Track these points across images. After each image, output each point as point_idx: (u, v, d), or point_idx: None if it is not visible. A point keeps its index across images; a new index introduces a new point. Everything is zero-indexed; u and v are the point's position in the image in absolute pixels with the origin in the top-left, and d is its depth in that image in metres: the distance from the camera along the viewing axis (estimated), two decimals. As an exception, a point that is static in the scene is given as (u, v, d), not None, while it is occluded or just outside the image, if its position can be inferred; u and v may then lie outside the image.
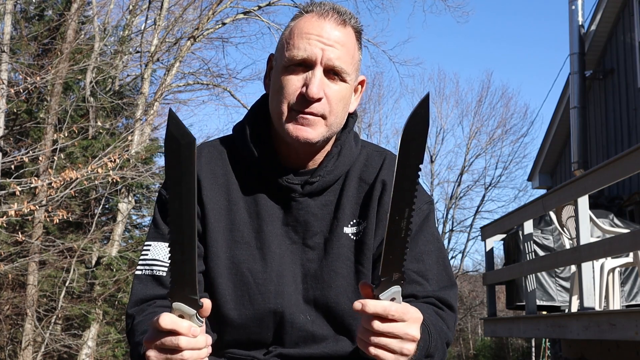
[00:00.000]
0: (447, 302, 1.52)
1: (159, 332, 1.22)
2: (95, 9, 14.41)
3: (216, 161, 1.60)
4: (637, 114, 9.24)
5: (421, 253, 1.54)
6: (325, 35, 1.50)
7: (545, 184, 11.95)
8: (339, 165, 1.57)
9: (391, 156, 1.65)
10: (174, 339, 1.21)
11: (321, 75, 1.49)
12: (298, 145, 1.52)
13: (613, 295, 5.41)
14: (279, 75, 1.52)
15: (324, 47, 1.49)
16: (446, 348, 1.46)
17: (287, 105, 1.50)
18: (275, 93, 1.53)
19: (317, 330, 1.54)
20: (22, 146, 12.01)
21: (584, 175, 5.02)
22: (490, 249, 7.56)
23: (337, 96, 1.51)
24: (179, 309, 1.23)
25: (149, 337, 1.25)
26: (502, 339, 23.47)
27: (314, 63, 1.49)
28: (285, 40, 1.53)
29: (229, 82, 15.58)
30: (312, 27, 1.51)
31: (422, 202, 1.60)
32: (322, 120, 1.51)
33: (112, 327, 13.46)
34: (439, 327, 1.43)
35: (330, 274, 1.54)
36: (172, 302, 1.24)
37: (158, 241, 1.56)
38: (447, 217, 25.18)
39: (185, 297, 1.23)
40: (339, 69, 1.50)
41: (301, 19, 1.54)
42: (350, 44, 1.53)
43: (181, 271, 1.22)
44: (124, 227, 14.02)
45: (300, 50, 1.49)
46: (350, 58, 1.53)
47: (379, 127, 27.33)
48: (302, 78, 1.49)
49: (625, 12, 9.71)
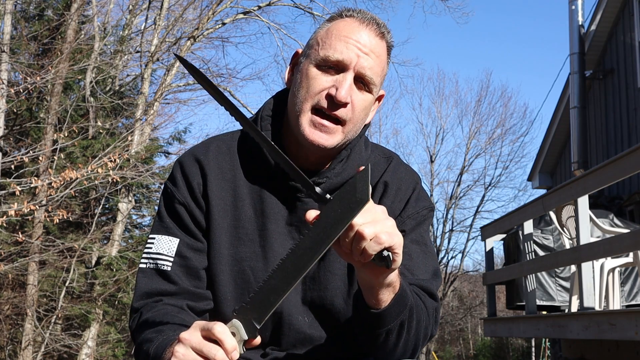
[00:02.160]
0: (430, 291, 1.53)
1: (205, 336, 1.22)
2: (95, 9, 14.41)
3: (224, 156, 1.59)
4: (637, 114, 9.24)
5: (410, 250, 1.55)
6: (362, 42, 1.49)
7: (545, 184, 11.95)
8: (346, 168, 1.57)
9: (397, 160, 1.65)
10: (213, 349, 1.20)
11: (352, 81, 1.49)
12: (311, 148, 1.52)
13: (613, 295, 5.41)
14: (308, 72, 1.50)
15: (360, 53, 1.48)
16: (424, 335, 1.47)
17: (310, 103, 1.49)
18: (300, 88, 1.51)
19: (313, 332, 1.55)
20: (22, 146, 12.01)
21: (584, 175, 5.02)
22: (490, 249, 7.56)
23: (361, 105, 1.51)
24: (236, 328, 1.22)
25: (188, 335, 1.23)
26: (502, 339, 23.47)
27: (347, 67, 1.48)
28: (321, 39, 1.52)
29: (228, 82, 15.61)
30: (351, 32, 1.50)
31: (421, 207, 1.61)
32: (340, 127, 1.50)
33: (112, 327, 13.46)
34: (417, 301, 1.44)
35: (327, 275, 1.55)
36: (235, 317, 1.23)
37: (162, 234, 1.56)
38: (447, 217, 25.18)
39: (248, 321, 1.22)
40: (369, 79, 1.50)
41: (341, 21, 1.53)
42: (383, 56, 1.54)
43: (266, 297, 1.22)
44: (124, 227, 14.02)
45: (336, 51, 1.48)
46: (381, 70, 1.53)
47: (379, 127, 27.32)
48: (333, 80, 1.48)
49: (625, 12, 9.71)
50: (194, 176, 1.57)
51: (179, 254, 1.53)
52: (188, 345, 1.22)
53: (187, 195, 1.56)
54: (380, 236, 1.21)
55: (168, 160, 15.96)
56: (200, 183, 1.56)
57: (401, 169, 1.64)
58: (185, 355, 1.22)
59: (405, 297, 1.37)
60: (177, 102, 16.54)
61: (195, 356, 1.21)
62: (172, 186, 1.58)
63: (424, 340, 1.48)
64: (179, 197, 1.56)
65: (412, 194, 1.61)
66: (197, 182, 1.56)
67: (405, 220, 1.58)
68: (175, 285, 1.52)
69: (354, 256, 1.24)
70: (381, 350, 1.43)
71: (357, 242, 1.21)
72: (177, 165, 1.60)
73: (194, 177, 1.56)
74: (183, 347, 1.23)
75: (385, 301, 1.33)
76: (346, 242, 1.23)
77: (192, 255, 1.54)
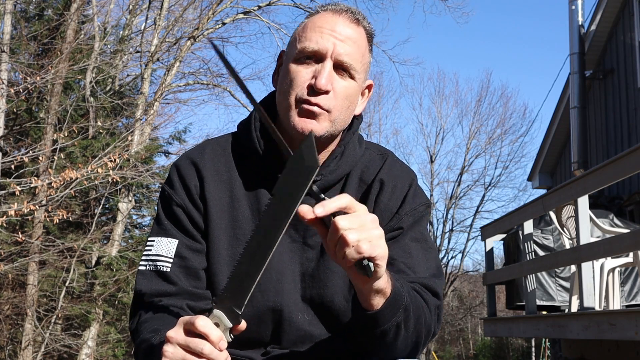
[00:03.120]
0: (432, 289, 1.52)
1: (190, 332, 1.22)
2: (95, 9, 14.41)
3: (219, 157, 1.60)
4: (637, 114, 9.24)
5: (410, 248, 1.55)
6: (337, 30, 1.51)
7: (545, 184, 11.95)
8: (341, 165, 1.58)
9: (392, 157, 1.66)
10: (200, 343, 1.21)
11: (330, 69, 1.50)
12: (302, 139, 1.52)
13: (613, 295, 5.41)
14: (289, 67, 1.53)
15: (335, 41, 1.50)
16: (427, 332, 1.47)
17: (294, 96, 1.51)
18: (283, 84, 1.54)
19: (314, 330, 1.55)
20: (22, 146, 12.00)
21: (584, 175, 5.02)
22: (490, 249, 7.57)
23: (344, 92, 1.52)
24: (218, 317, 1.23)
25: (173, 333, 1.24)
26: (502, 339, 23.48)
27: (324, 56, 1.50)
28: (298, 34, 1.55)
29: (228, 82, 15.57)
30: (325, 22, 1.53)
31: (419, 204, 1.61)
32: (326, 114, 1.51)
33: (112, 327, 13.46)
34: (416, 300, 1.44)
35: (327, 273, 1.55)
36: (214, 307, 1.24)
37: (161, 237, 1.56)
38: (447, 217, 25.18)
39: (229, 308, 1.23)
40: (348, 64, 1.51)
41: (316, 15, 1.57)
42: (361, 43, 1.55)
43: (239, 282, 1.23)
44: (124, 227, 14.02)
45: (312, 42, 1.50)
46: (360, 56, 1.54)
47: (379, 127, 27.31)
48: (312, 70, 1.51)
49: (625, 12, 9.71)
50: (190, 178, 1.58)
51: (178, 254, 1.54)
52: (175, 343, 1.23)
53: (185, 197, 1.57)
54: (361, 245, 1.19)
55: (168, 160, 15.98)
56: (197, 185, 1.57)
57: (396, 166, 1.64)
58: (174, 354, 1.22)
59: (399, 300, 1.36)
60: (177, 102, 16.55)
61: (183, 353, 1.22)
62: (169, 189, 1.59)
63: (425, 337, 1.48)
64: (177, 200, 1.57)
65: (409, 191, 1.61)
66: (194, 184, 1.57)
67: (403, 218, 1.58)
68: (175, 286, 1.52)
69: (337, 259, 1.24)
70: (379, 348, 1.43)
71: (340, 246, 1.20)
72: (174, 168, 1.61)
73: (190, 179, 1.58)
74: (171, 346, 1.23)
75: (377, 305, 1.33)
76: (331, 242, 1.22)
77: (191, 256, 1.55)
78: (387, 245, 1.26)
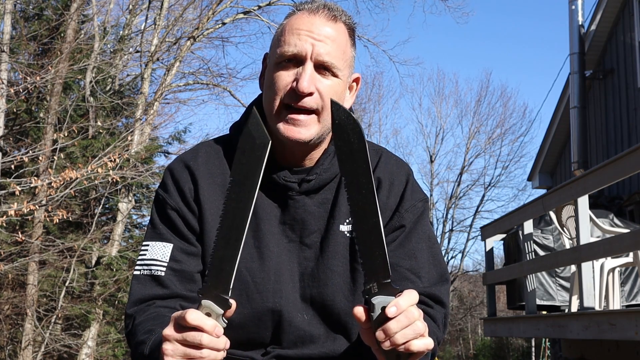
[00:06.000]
0: (438, 298, 1.53)
1: (183, 327, 1.23)
2: (94, 8, 14.40)
3: (214, 160, 1.60)
4: (637, 114, 9.23)
5: (414, 250, 1.55)
6: (315, 31, 1.51)
7: (545, 183, 11.95)
8: (335, 162, 1.57)
9: (387, 153, 1.66)
10: (197, 335, 1.22)
11: (312, 70, 1.50)
12: (291, 144, 1.53)
13: (613, 295, 5.40)
14: (271, 72, 1.53)
15: (314, 42, 1.50)
16: (436, 345, 1.47)
17: (278, 100, 1.51)
18: (267, 89, 1.54)
19: (313, 330, 1.55)
20: (22, 146, 12.00)
21: (584, 175, 5.02)
22: (490, 249, 7.57)
23: (329, 91, 1.52)
24: (208, 307, 1.24)
25: (169, 331, 1.24)
26: (502, 338, 23.47)
27: (304, 58, 1.50)
28: (277, 38, 1.55)
29: (228, 82, 15.58)
30: (302, 23, 1.52)
31: (416, 200, 1.61)
32: (314, 117, 1.51)
33: (112, 327, 13.45)
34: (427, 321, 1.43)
35: (326, 272, 1.54)
36: (202, 298, 1.25)
37: (156, 241, 1.56)
38: (446, 217, 25.18)
39: (216, 296, 1.24)
40: (329, 63, 1.51)
41: (293, 16, 1.56)
42: (341, 39, 1.54)
43: (219, 268, 1.24)
44: (124, 226, 14.01)
45: (290, 45, 1.50)
46: (342, 53, 1.54)
47: (379, 127, 27.36)
48: (293, 73, 1.51)
49: (625, 12, 9.71)
50: (184, 182, 1.57)
51: (173, 258, 1.54)
52: (173, 340, 1.23)
53: (179, 201, 1.57)
54: (411, 344, 1.23)
55: (168, 160, 15.96)
56: (191, 188, 1.57)
57: (391, 162, 1.64)
58: (174, 351, 1.23)
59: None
60: (177, 102, 16.52)
61: (183, 348, 1.22)
62: (163, 193, 1.59)
63: (434, 348, 1.48)
64: (171, 203, 1.57)
65: (406, 187, 1.61)
66: (189, 188, 1.57)
67: (404, 215, 1.58)
68: (168, 290, 1.52)
69: (372, 345, 1.26)
70: None
71: (388, 342, 1.23)
72: (167, 172, 1.61)
73: (184, 182, 1.57)
74: (170, 344, 1.24)
75: None
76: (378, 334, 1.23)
77: (186, 260, 1.54)
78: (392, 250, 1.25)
